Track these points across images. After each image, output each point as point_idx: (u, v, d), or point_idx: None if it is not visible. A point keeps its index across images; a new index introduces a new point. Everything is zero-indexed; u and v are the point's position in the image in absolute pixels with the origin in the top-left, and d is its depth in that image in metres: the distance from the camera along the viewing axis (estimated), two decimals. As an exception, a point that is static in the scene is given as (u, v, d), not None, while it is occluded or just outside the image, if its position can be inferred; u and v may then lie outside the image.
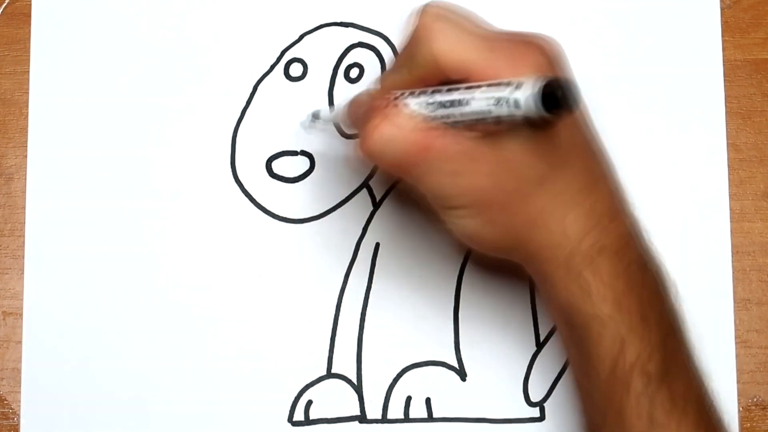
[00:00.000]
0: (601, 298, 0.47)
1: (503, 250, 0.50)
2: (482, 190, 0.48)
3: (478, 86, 0.45)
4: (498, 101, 0.44)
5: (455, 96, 0.46)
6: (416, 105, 0.47)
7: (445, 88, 0.46)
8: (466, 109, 0.45)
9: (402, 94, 0.48)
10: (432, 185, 0.48)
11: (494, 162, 0.47)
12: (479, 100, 0.45)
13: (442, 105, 0.46)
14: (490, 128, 0.46)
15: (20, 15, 0.60)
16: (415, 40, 0.48)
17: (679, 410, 0.47)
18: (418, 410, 0.57)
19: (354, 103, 0.52)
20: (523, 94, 0.43)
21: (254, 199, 0.59)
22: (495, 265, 0.58)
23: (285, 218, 0.59)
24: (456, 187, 0.48)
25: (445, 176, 0.47)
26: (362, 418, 0.57)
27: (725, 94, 0.59)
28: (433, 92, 0.47)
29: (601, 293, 0.47)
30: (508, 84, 0.44)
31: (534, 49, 0.47)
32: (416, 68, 0.48)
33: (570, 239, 0.48)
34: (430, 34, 0.47)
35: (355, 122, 0.51)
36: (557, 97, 0.43)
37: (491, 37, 0.48)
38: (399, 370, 0.58)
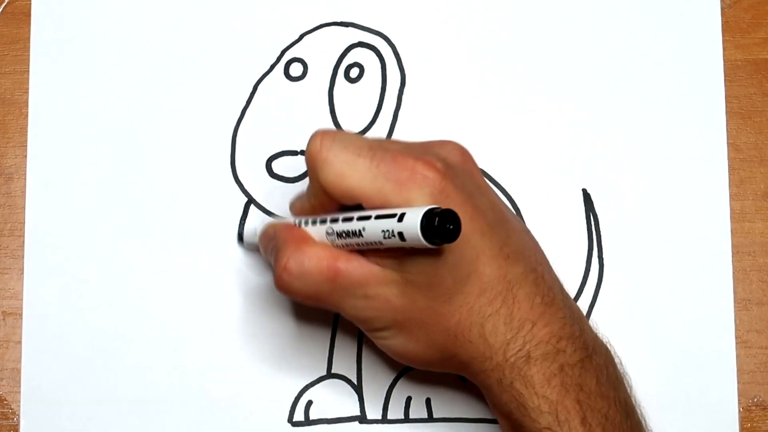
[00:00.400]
0: (538, 411, 0.47)
1: (436, 364, 0.51)
2: (396, 311, 0.48)
3: (369, 216, 0.46)
4: (385, 233, 0.45)
5: (350, 226, 0.47)
6: (317, 233, 0.49)
7: (341, 216, 0.48)
8: (362, 240, 0.46)
9: (303, 221, 0.50)
10: (349, 310, 0.49)
11: (402, 283, 0.48)
12: (370, 231, 0.46)
13: (340, 235, 0.47)
14: (393, 252, 0.47)
15: (20, 15, 0.60)
16: (308, 169, 0.49)
17: None
18: (418, 410, 0.57)
19: (264, 236, 0.53)
20: (405, 227, 0.44)
21: (254, 199, 0.59)
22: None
23: (285, 218, 0.59)
24: (371, 309, 0.49)
25: (359, 300, 0.49)
26: (362, 419, 0.57)
27: (725, 94, 0.59)
28: (331, 221, 0.48)
29: (536, 405, 0.47)
30: (392, 216, 0.44)
31: (422, 166, 0.47)
32: (313, 197, 0.50)
33: (493, 350, 0.48)
34: (317, 163, 0.48)
35: (268, 255, 0.52)
36: (439, 226, 0.43)
37: (378, 158, 0.47)
38: (399, 370, 0.57)
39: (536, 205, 0.58)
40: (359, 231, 0.46)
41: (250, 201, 0.59)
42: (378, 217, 0.45)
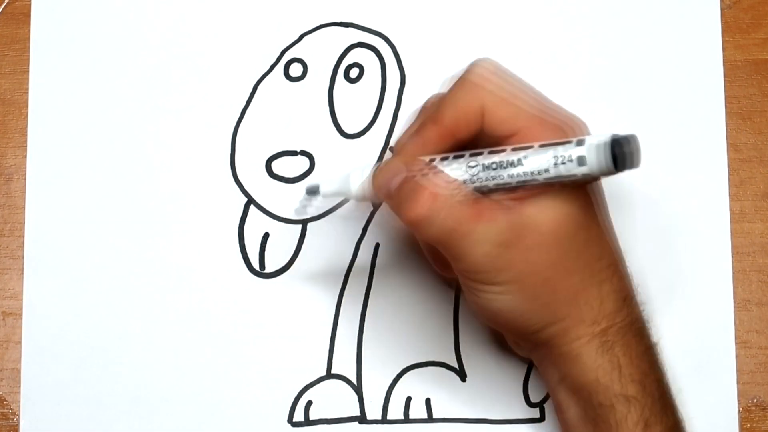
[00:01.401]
0: (629, 378, 0.48)
1: (532, 330, 0.49)
2: (529, 262, 0.47)
3: (529, 146, 0.45)
4: (558, 159, 0.44)
5: (503, 157, 0.45)
6: (452, 171, 0.46)
7: (486, 150, 0.46)
8: (518, 170, 0.45)
9: (433, 160, 0.47)
10: (476, 258, 0.47)
11: (541, 232, 0.46)
12: (536, 159, 0.44)
13: (487, 167, 0.46)
14: (528, 194, 0.46)
15: (20, 15, 0.60)
16: (461, 90, 0.47)
17: None
18: (418, 411, 0.57)
19: (383, 172, 0.49)
20: (588, 151, 0.43)
21: (254, 199, 0.59)
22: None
23: (285, 218, 0.59)
24: (502, 260, 0.47)
25: (493, 247, 0.46)
26: (362, 419, 0.57)
27: (725, 94, 0.59)
28: (472, 155, 0.46)
29: (629, 372, 0.48)
30: (566, 142, 0.44)
31: (579, 121, 0.48)
32: (450, 120, 0.47)
33: (605, 314, 0.48)
34: (483, 83, 0.47)
35: (388, 193, 0.48)
36: (622, 154, 0.43)
37: (539, 100, 0.48)
38: (399, 370, 0.58)
39: (536, 205, 0.58)
40: (518, 161, 0.45)
41: (250, 201, 0.59)
42: (543, 145, 0.45)
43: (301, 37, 0.60)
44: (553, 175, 0.44)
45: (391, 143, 0.59)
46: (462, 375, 0.57)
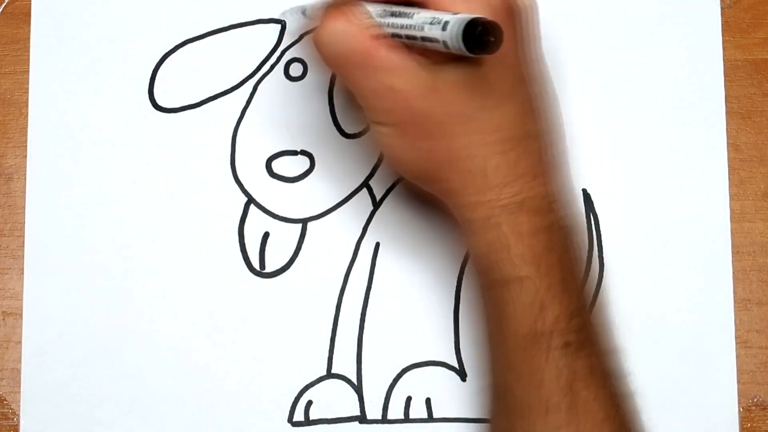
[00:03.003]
0: (520, 257, 0.48)
1: (422, 179, 0.51)
2: (410, 112, 0.48)
3: (427, 10, 0.47)
4: (432, 20, 0.45)
5: (403, 9, 0.47)
6: (371, 8, 0.49)
7: (403, 4, 0.48)
8: (407, 20, 0.47)
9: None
10: (366, 92, 0.49)
11: (428, 88, 0.48)
12: (421, 16, 0.46)
13: (392, 14, 0.48)
14: (432, 55, 0.47)
15: (20, 15, 0.60)
16: None
17: (598, 382, 0.48)
18: (418, 410, 0.57)
19: (326, 1, 0.51)
20: (451, 26, 0.44)
21: (254, 199, 0.59)
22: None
23: (285, 218, 0.59)
24: (387, 100, 0.48)
25: (381, 86, 0.48)
26: (362, 419, 0.57)
27: (725, 94, 0.59)
28: (389, 2, 0.49)
29: (520, 251, 0.48)
30: (452, 14, 0.45)
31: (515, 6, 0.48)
32: None
33: (490, 186, 0.48)
34: None
35: (321, 17, 0.51)
36: (478, 36, 0.44)
37: None
38: (399, 370, 0.58)
39: (536, 205, 0.58)
40: (411, 14, 0.47)
41: (250, 201, 0.59)
42: (439, 10, 0.46)
43: (301, 36, 0.60)
44: (427, 34, 0.46)
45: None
46: (462, 375, 0.57)
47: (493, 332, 0.50)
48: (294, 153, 0.59)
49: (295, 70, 0.60)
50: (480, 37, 0.44)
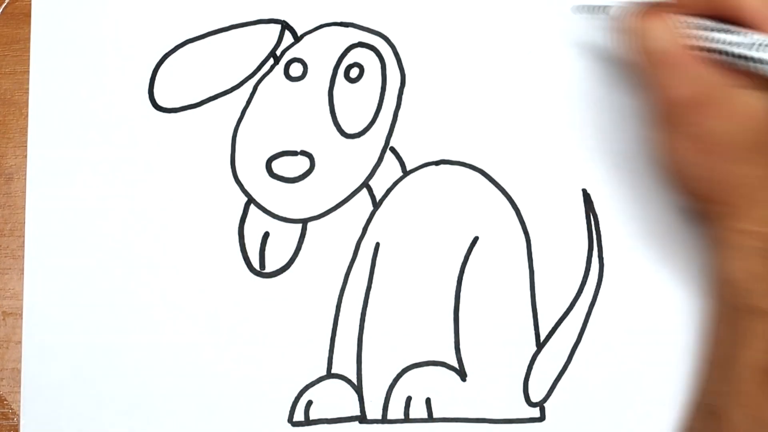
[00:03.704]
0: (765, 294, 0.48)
1: (701, 198, 0.51)
2: (711, 129, 0.49)
3: (748, 31, 0.48)
4: (755, 41, 0.46)
5: (718, 25, 0.48)
6: (687, 22, 0.50)
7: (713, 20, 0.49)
8: (737, 38, 0.47)
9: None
10: (673, 97, 0.49)
11: (736, 110, 0.48)
12: (739, 37, 0.47)
13: (707, 28, 0.48)
14: (738, 75, 0.48)
15: (20, 15, 0.60)
16: None
17: None
18: (418, 410, 0.57)
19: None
20: None
21: (254, 199, 0.59)
22: (495, 264, 0.58)
23: (285, 218, 0.59)
24: (692, 112, 0.49)
25: (690, 94, 0.49)
26: (362, 419, 0.57)
27: (725, 94, 0.59)
28: (704, 18, 0.49)
29: None
30: None
31: None
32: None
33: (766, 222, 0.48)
34: None
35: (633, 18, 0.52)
36: None
37: None
38: (399, 370, 0.58)
39: (536, 205, 0.59)
40: (728, 30, 0.48)
41: (250, 201, 0.59)
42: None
43: (301, 36, 0.60)
44: (746, 53, 0.47)
45: (392, 143, 0.59)
46: (462, 375, 0.57)
47: (721, 356, 0.50)
48: (294, 153, 0.59)
49: (295, 70, 0.60)
50: None
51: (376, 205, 0.59)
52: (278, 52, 0.60)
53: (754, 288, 0.48)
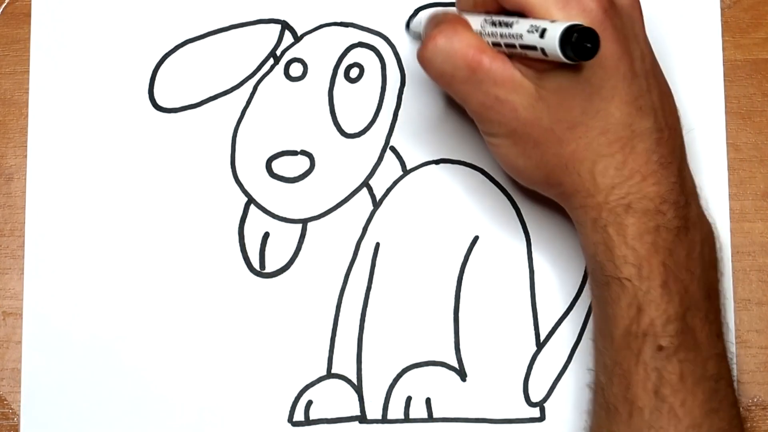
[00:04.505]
0: (623, 259, 0.48)
1: (539, 185, 0.52)
2: (518, 122, 0.50)
3: (526, 18, 0.48)
4: (530, 28, 0.46)
5: (504, 18, 0.48)
6: (474, 22, 0.50)
7: (504, 14, 0.49)
8: (508, 30, 0.48)
9: (466, 14, 0.51)
10: (475, 106, 0.50)
11: (534, 97, 0.49)
12: (521, 24, 0.47)
13: (493, 23, 0.49)
14: (535, 64, 0.48)
15: (20, 15, 0.60)
16: None
17: (687, 389, 0.47)
18: (418, 410, 0.57)
19: (430, 19, 0.53)
20: (548, 34, 0.46)
21: (254, 199, 0.59)
22: (495, 264, 0.58)
23: (285, 218, 0.59)
24: (496, 113, 0.50)
25: (488, 98, 0.49)
26: (362, 419, 0.57)
27: (725, 94, 0.59)
28: (490, 14, 0.50)
29: (623, 254, 0.48)
30: (550, 22, 0.46)
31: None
32: None
33: (598, 189, 0.49)
34: None
35: (424, 33, 0.54)
36: (575, 42, 0.45)
37: None
38: (399, 370, 0.58)
39: (536, 205, 0.58)
40: (512, 23, 0.48)
41: (250, 201, 0.59)
42: (538, 19, 0.47)
43: (301, 36, 0.60)
44: (526, 42, 0.47)
45: (392, 143, 0.59)
46: (462, 375, 0.57)
47: (595, 331, 0.51)
48: (294, 153, 0.59)
49: (295, 70, 0.60)
50: (577, 43, 0.45)
51: (376, 204, 0.59)
52: (278, 52, 0.60)
53: (603, 258, 0.49)
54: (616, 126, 0.49)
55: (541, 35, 0.46)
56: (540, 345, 0.58)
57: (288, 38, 0.60)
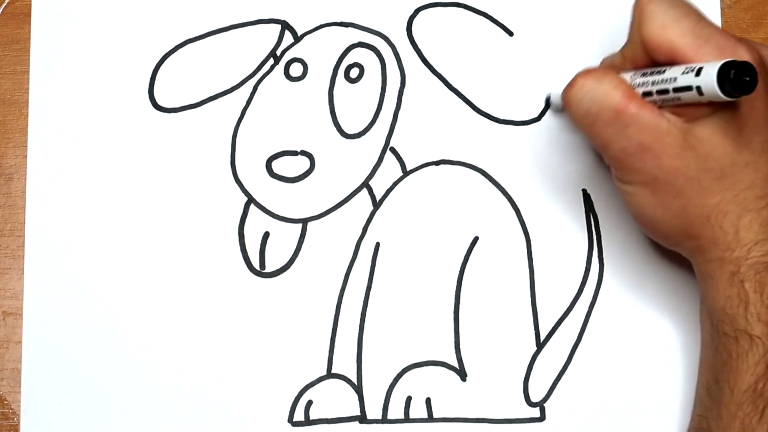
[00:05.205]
0: (756, 317, 0.48)
1: (671, 238, 0.51)
2: (660, 170, 0.49)
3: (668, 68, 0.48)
4: (685, 70, 0.46)
5: (654, 68, 0.48)
6: (622, 75, 0.50)
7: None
8: (660, 76, 0.48)
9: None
10: (616, 152, 0.50)
11: (681, 146, 0.48)
12: (673, 70, 0.47)
13: (644, 74, 0.49)
14: (685, 113, 0.48)
15: (20, 15, 0.60)
16: (631, 20, 0.50)
17: None
18: (418, 410, 0.57)
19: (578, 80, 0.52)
20: (705, 71, 0.45)
21: (254, 199, 0.59)
22: (495, 264, 0.58)
23: (285, 218, 0.59)
24: (637, 160, 0.49)
25: (630, 144, 0.49)
26: (362, 419, 0.57)
27: (725, 94, 0.59)
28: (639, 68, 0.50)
29: (757, 311, 0.48)
30: (704, 63, 0.46)
31: (744, 47, 0.48)
32: (628, 47, 0.50)
33: (740, 243, 0.48)
34: (642, 15, 0.49)
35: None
36: (733, 78, 0.45)
37: (704, 24, 0.49)
38: (399, 370, 0.58)
39: (536, 205, 0.59)
40: (663, 70, 0.48)
41: (250, 201, 0.59)
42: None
43: (301, 36, 0.60)
44: (680, 84, 0.47)
45: (392, 143, 0.59)
46: (462, 375, 0.57)
47: (711, 380, 0.50)
48: (294, 153, 0.59)
49: (295, 70, 0.60)
50: (735, 79, 0.45)
51: (376, 205, 0.59)
52: (278, 52, 0.60)
53: (736, 312, 0.48)
54: (764, 181, 0.48)
55: (697, 74, 0.46)
56: (540, 345, 0.58)
57: (288, 38, 0.60)
